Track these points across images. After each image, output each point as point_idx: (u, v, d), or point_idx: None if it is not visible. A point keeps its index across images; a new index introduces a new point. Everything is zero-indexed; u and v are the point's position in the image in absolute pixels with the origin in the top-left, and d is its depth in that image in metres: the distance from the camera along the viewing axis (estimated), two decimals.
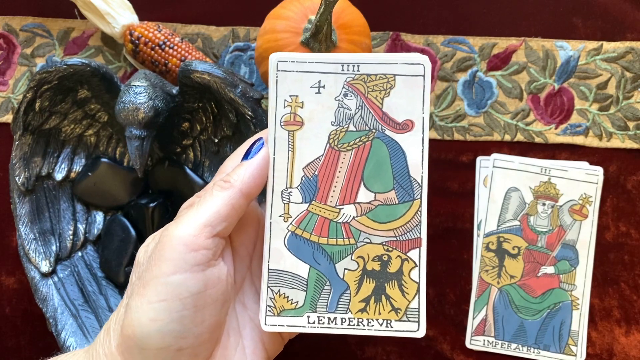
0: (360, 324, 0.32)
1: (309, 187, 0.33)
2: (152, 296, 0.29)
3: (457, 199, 0.48)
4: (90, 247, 0.45)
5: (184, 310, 0.29)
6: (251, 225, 0.34)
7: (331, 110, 0.33)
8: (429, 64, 0.32)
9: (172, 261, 0.29)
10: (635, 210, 0.48)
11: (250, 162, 0.32)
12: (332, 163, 0.33)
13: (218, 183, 0.31)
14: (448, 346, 0.47)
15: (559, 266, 0.47)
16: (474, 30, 0.49)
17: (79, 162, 0.45)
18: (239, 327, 0.33)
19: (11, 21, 0.50)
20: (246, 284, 0.34)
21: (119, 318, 0.31)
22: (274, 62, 0.32)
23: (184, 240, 0.29)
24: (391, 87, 0.33)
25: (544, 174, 0.47)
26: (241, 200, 0.31)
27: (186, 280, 0.29)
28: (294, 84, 0.32)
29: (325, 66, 0.32)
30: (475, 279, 0.47)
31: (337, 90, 0.33)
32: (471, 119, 0.49)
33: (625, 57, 0.48)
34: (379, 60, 0.32)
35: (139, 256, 0.32)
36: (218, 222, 0.30)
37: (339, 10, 0.42)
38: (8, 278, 0.48)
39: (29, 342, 0.48)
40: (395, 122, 0.33)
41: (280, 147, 0.32)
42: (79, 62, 0.40)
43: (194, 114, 0.44)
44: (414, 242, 0.33)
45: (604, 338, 0.47)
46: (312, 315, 0.33)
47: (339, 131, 0.33)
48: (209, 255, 0.30)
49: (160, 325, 0.29)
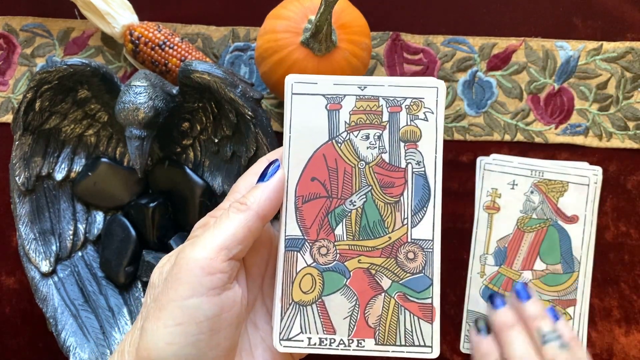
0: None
1: (500, 255, 0.46)
2: (168, 319, 0.28)
3: (457, 199, 0.48)
4: (90, 247, 0.45)
5: (200, 334, 0.29)
6: (263, 245, 0.34)
7: (520, 202, 0.46)
8: (596, 176, 0.46)
9: (188, 284, 0.29)
10: (635, 210, 0.48)
11: (267, 185, 0.32)
12: (518, 240, 0.46)
13: (234, 205, 0.31)
14: (447, 346, 0.47)
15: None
16: (474, 30, 0.49)
17: (79, 162, 0.45)
18: (250, 348, 0.33)
19: (11, 21, 0.50)
20: (258, 304, 0.34)
21: (133, 340, 0.30)
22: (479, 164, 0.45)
23: (201, 264, 0.29)
24: (565, 190, 0.46)
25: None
26: (257, 222, 0.31)
27: (202, 304, 0.29)
28: (495, 179, 0.46)
29: (519, 170, 0.45)
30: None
31: (526, 188, 0.46)
32: (471, 119, 0.49)
33: (625, 57, 0.48)
34: (559, 170, 0.45)
35: (153, 277, 0.32)
36: (234, 245, 0.30)
37: (339, 10, 0.42)
38: (8, 278, 0.48)
39: (29, 342, 0.48)
40: (566, 216, 0.45)
41: (481, 224, 0.46)
42: (79, 62, 0.40)
43: (194, 114, 0.44)
44: (571, 302, 0.46)
45: (604, 338, 0.47)
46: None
47: (525, 217, 0.46)
48: (225, 279, 0.30)
49: (176, 349, 0.28)
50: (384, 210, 0.33)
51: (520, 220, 0.47)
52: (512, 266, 0.47)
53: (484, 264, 0.47)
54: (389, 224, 0.33)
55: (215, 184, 0.44)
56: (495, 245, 0.47)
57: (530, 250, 0.47)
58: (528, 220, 0.47)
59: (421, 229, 0.33)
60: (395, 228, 0.33)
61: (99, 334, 0.42)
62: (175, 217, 0.45)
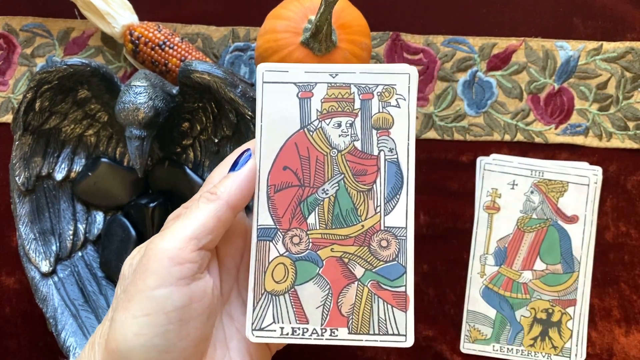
0: (529, 355, 0.46)
1: (500, 255, 0.46)
2: (137, 310, 0.28)
3: (457, 199, 0.48)
4: (90, 247, 0.45)
5: (169, 325, 0.28)
6: (238, 236, 0.34)
7: (520, 202, 0.46)
8: (596, 176, 0.46)
9: (156, 275, 0.28)
10: (635, 210, 0.48)
11: (238, 174, 0.31)
12: (518, 240, 0.46)
13: (204, 195, 0.31)
14: (447, 346, 0.47)
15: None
16: (474, 30, 0.49)
17: (79, 162, 0.45)
18: (225, 339, 0.32)
19: (11, 21, 0.50)
20: (233, 296, 0.34)
21: (103, 332, 0.30)
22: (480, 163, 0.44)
23: (169, 254, 0.29)
24: (565, 190, 0.46)
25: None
26: (228, 212, 0.30)
27: (171, 294, 0.28)
28: (495, 180, 0.45)
29: (519, 170, 0.45)
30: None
31: (526, 188, 0.46)
32: (471, 119, 0.49)
33: (625, 57, 0.48)
34: (559, 170, 0.45)
35: (124, 269, 0.31)
36: (204, 235, 0.30)
37: (339, 10, 0.42)
38: (8, 278, 0.48)
39: (29, 342, 0.48)
40: (566, 216, 0.45)
41: (481, 224, 0.46)
42: (79, 62, 0.40)
43: (194, 114, 0.44)
44: (571, 302, 0.46)
45: (604, 338, 0.47)
46: (496, 345, 0.46)
47: (525, 217, 0.46)
48: (195, 269, 0.29)
49: (144, 339, 0.28)
50: (357, 198, 0.32)
51: (520, 220, 0.47)
52: (512, 266, 0.47)
53: (484, 264, 0.47)
54: (362, 212, 0.32)
55: None
56: (495, 245, 0.47)
57: (530, 250, 0.47)
58: (528, 220, 0.47)
59: (394, 217, 0.32)
60: (368, 216, 0.32)
61: None
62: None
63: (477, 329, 0.47)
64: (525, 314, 0.47)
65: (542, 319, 0.46)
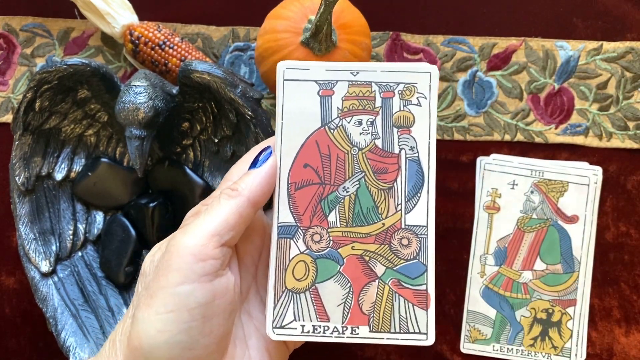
0: (529, 355, 0.46)
1: (500, 255, 0.46)
2: (160, 307, 0.28)
3: (457, 199, 0.48)
4: (90, 247, 0.45)
5: (192, 322, 0.28)
6: (256, 233, 0.34)
7: (520, 202, 0.46)
8: (596, 176, 0.46)
9: (180, 271, 0.29)
10: (635, 210, 0.48)
11: (259, 171, 0.31)
12: (518, 240, 0.46)
13: (225, 191, 0.31)
14: (447, 346, 0.47)
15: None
16: (474, 30, 0.49)
17: (79, 162, 0.45)
18: (244, 337, 0.32)
19: (11, 21, 0.50)
20: (251, 294, 0.34)
21: (125, 329, 0.30)
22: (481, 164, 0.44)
23: (192, 250, 0.29)
24: (565, 190, 0.46)
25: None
26: (249, 208, 0.30)
27: (194, 291, 0.29)
28: (495, 180, 0.45)
29: (519, 170, 0.45)
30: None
31: (526, 188, 0.46)
32: (471, 119, 0.49)
33: (625, 57, 0.48)
34: (559, 170, 0.45)
35: (144, 266, 0.31)
36: (226, 231, 0.30)
37: (339, 10, 0.42)
38: (8, 278, 0.48)
39: (29, 342, 0.48)
40: (566, 216, 0.45)
41: (481, 224, 0.46)
42: (79, 62, 0.40)
43: (194, 114, 0.44)
44: (571, 302, 0.46)
45: (604, 338, 0.47)
46: (496, 345, 0.46)
47: (525, 217, 0.46)
48: (217, 265, 0.29)
49: (168, 336, 0.28)
50: (378, 196, 0.32)
51: (520, 220, 0.47)
52: (512, 266, 0.47)
53: (484, 264, 0.47)
54: (383, 210, 0.32)
55: (215, 184, 0.44)
56: (495, 245, 0.47)
57: (530, 250, 0.47)
58: (528, 220, 0.47)
59: (415, 215, 0.32)
60: (389, 214, 0.32)
61: (98, 334, 0.42)
62: (175, 217, 0.45)
63: (477, 329, 0.47)
64: (525, 314, 0.47)
65: (542, 319, 0.46)
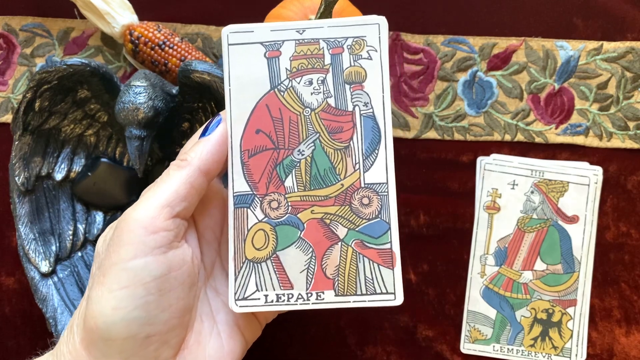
0: (529, 355, 0.46)
1: (501, 255, 0.46)
2: (113, 284, 0.27)
3: (457, 199, 0.48)
4: (90, 247, 0.45)
5: (148, 296, 0.28)
6: (216, 207, 0.33)
7: (520, 202, 0.46)
8: (596, 176, 0.46)
9: (131, 245, 0.28)
10: (635, 210, 0.48)
11: (208, 139, 0.30)
12: (518, 240, 0.46)
13: (174, 162, 0.30)
14: (447, 347, 0.47)
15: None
16: (474, 30, 0.49)
17: (78, 162, 0.45)
18: (212, 313, 0.32)
19: (11, 21, 0.50)
20: (216, 269, 0.33)
21: (81, 312, 0.29)
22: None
23: (142, 223, 0.28)
24: (565, 190, 0.46)
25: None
26: (200, 178, 0.30)
27: (148, 264, 0.28)
28: (496, 179, 0.46)
29: (520, 170, 0.46)
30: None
31: (526, 188, 0.46)
32: (471, 119, 0.49)
33: (626, 57, 0.48)
34: (559, 170, 0.46)
35: (98, 246, 0.31)
36: (177, 202, 0.29)
37: (339, 10, 0.41)
38: (8, 278, 0.48)
39: (29, 342, 0.48)
40: (566, 216, 0.45)
41: (481, 224, 0.46)
42: (79, 62, 0.40)
43: (194, 114, 0.44)
44: (571, 302, 0.46)
45: (604, 338, 0.47)
46: (496, 345, 0.46)
47: (525, 217, 0.46)
48: (170, 237, 0.29)
49: (124, 313, 0.27)
50: (334, 156, 0.31)
51: (520, 221, 0.47)
52: (513, 266, 0.47)
53: (484, 264, 0.47)
54: (341, 171, 0.31)
55: None
56: (495, 245, 0.47)
57: (530, 250, 0.47)
58: (528, 220, 0.47)
59: (374, 173, 0.31)
60: (347, 174, 0.31)
61: None
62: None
63: (478, 329, 0.47)
64: (525, 314, 0.47)
65: (543, 319, 0.46)
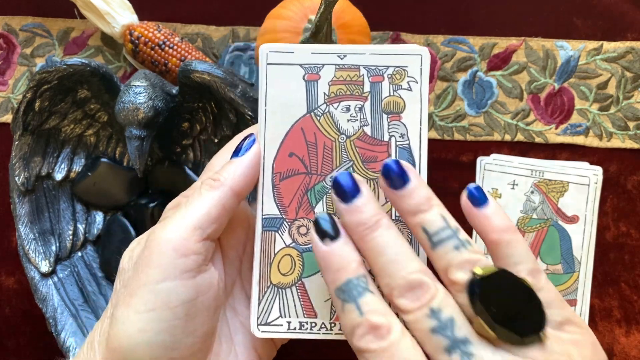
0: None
1: None
2: (140, 305, 0.27)
3: (457, 199, 0.48)
4: (90, 247, 0.45)
5: (175, 320, 0.27)
6: (240, 226, 0.32)
7: (520, 202, 0.46)
8: (596, 176, 0.46)
9: (160, 267, 0.27)
10: (636, 210, 0.48)
11: (242, 160, 0.30)
12: None
13: (206, 182, 0.29)
14: None
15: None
16: (474, 30, 0.49)
17: (78, 162, 0.45)
18: (230, 334, 0.31)
19: (11, 21, 0.50)
20: (236, 288, 0.32)
21: (103, 329, 0.29)
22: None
23: (173, 245, 0.27)
24: (565, 190, 0.46)
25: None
26: (232, 199, 0.29)
27: (176, 288, 0.27)
28: (496, 179, 0.46)
29: (520, 170, 0.46)
30: None
31: (526, 188, 0.46)
32: (471, 119, 0.49)
33: (626, 57, 0.48)
34: (559, 170, 0.46)
35: (123, 262, 0.30)
36: (208, 224, 0.28)
37: (339, 10, 0.41)
38: (8, 278, 0.48)
39: (29, 342, 0.48)
40: (566, 216, 0.45)
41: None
42: (79, 62, 0.40)
43: (194, 114, 0.44)
44: (571, 302, 0.46)
45: (604, 338, 0.47)
46: None
47: (525, 217, 0.46)
48: (200, 261, 0.28)
49: (149, 336, 0.27)
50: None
51: (520, 220, 0.47)
52: None
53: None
54: None
55: None
56: None
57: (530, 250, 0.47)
58: (528, 220, 0.47)
59: None
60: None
61: None
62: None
63: None
64: None
65: None
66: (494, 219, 0.28)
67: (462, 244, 0.27)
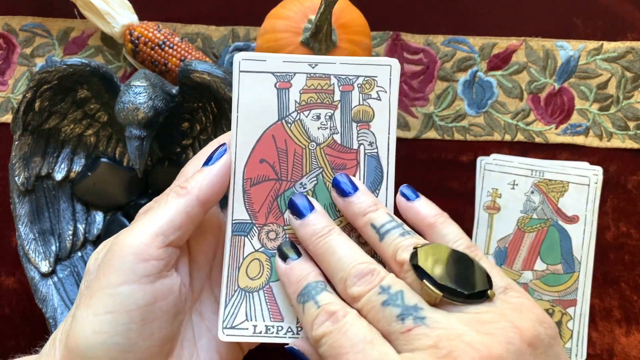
0: None
1: (501, 255, 0.46)
2: (99, 307, 0.27)
3: (457, 199, 0.48)
4: (90, 247, 0.45)
5: (131, 324, 0.27)
6: (211, 232, 0.33)
7: (520, 202, 0.46)
8: (596, 176, 0.46)
9: (120, 271, 0.28)
10: (636, 210, 0.48)
11: (210, 169, 0.30)
12: (518, 240, 0.46)
13: (174, 189, 0.30)
14: None
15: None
16: (474, 30, 0.49)
17: (78, 162, 0.45)
18: (194, 338, 0.31)
19: (11, 21, 0.50)
20: (205, 293, 0.33)
21: (65, 328, 0.29)
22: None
23: (135, 250, 0.28)
24: (565, 190, 0.46)
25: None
26: (198, 208, 0.29)
27: (134, 292, 0.27)
28: (496, 180, 0.46)
29: (520, 170, 0.45)
30: None
31: (526, 188, 0.46)
32: (471, 119, 0.49)
33: (626, 57, 0.48)
34: (559, 170, 0.46)
35: (89, 264, 0.30)
36: (171, 231, 0.29)
37: (339, 10, 0.41)
38: (8, 278, 0.48)
39: (28, 342, 0.48)
40: (566, 216, 0.45)
41: (481, 224, 0.46)
42: (79, 62, 0.40)
43: (194, 114, 0.44)
44: (571, 302, 0.46)
45: (604, 338, 0.47)
46: None
47: (525, 217, 0.46)
48: (160, 266, 0.28)
49: (104, 338, 0.27)
50: None
51: (520, 221, 0.47)
52: (513, 266, 0.47)
53: None
54: None
55: None
56: (495, 245, 0.47)
57: (530, 250, 0.47)
58: (528, 220, 0.47)
59: None
60: None
61: None
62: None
63: None
64: None
65: None
66: (426, 208, 0.31)
67: (408, 232, 0.29)
